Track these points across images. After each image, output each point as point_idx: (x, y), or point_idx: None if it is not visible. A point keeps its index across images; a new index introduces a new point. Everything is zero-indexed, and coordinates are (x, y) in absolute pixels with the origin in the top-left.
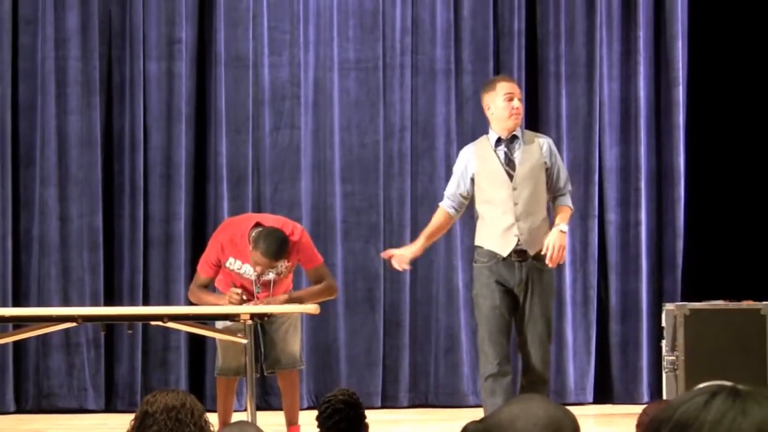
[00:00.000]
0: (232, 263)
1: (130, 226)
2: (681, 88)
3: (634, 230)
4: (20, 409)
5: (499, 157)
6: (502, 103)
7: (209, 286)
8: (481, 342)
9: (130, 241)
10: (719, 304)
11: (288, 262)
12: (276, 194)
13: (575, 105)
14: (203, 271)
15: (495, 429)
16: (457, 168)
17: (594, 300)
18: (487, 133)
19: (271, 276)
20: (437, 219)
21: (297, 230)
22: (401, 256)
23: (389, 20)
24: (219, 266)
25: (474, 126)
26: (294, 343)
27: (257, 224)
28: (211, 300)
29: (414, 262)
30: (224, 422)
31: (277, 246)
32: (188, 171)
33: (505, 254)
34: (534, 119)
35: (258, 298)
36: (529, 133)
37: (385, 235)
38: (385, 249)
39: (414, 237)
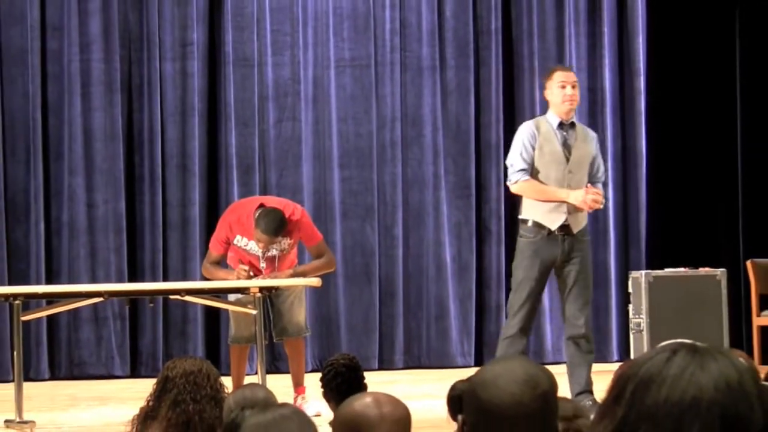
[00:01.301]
0: (240, 240)
1: (150, 211)
2: (642, 78)
3: (603, 207)
4: (54, 376)
5: (558, 139)
6: (556, 90)
7: (221, 263)
8: (511, 306)
9: (150, 225)
10: (679, 271)
11: (290, 239)
12: (281, 180)
13: None
14: (214, 249)
15: (480, 386)
16: (524, 139)
17: None
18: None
19: (274, 252)
20: (539, 184)
21: (297, 210)
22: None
23: (380, 22)
24: (228, 244)
25: (457, 115)
26: (299, 314)
27: (261, 205)
28: (221, 275)
29: (406, 239)
30: (237, 385)
31: (275, 224)
32: (201, 161)
33: (553, 228)
34: (511, 109)
35: (264, 272)
36: (581, 125)
37: (379, 215)
38: (380, 230)
39: (405, 216)
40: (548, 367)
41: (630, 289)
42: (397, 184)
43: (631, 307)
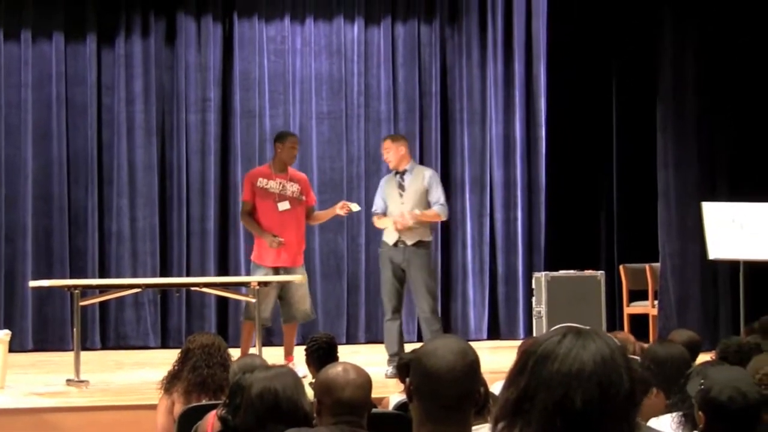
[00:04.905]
0: (261, 182)
1: (177, 224)
2: (543, 128)
3: (513, 224)
4: (104, 347)
5: (396, 183)
6: None
7: (252, 214)
8: (382, 297)
9: (178, 234)
10: (570, 272)
11: (299, 186)
12: None
13: (474, 140)
14: (245, 196)
15: (423, 356)
16: (378, 191)
17: (487, 270)
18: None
19: (289, 192)
20: (379, 217)
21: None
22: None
23: (349, 85)
24: (254, 191)
25: None
26: (304, 303)
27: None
28: (255, 231)
29: (367, 246)
30: (243, 355)
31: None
32: (216, 187)
33: (391, 243)
34: (446, 151)
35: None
36: (418, 167)
37: (347, 228)
38: (348, 239)
39: (367, 230)
40: (472, 342)
41: (533, 286)
42: (361, 206)
43: (534, 299)
